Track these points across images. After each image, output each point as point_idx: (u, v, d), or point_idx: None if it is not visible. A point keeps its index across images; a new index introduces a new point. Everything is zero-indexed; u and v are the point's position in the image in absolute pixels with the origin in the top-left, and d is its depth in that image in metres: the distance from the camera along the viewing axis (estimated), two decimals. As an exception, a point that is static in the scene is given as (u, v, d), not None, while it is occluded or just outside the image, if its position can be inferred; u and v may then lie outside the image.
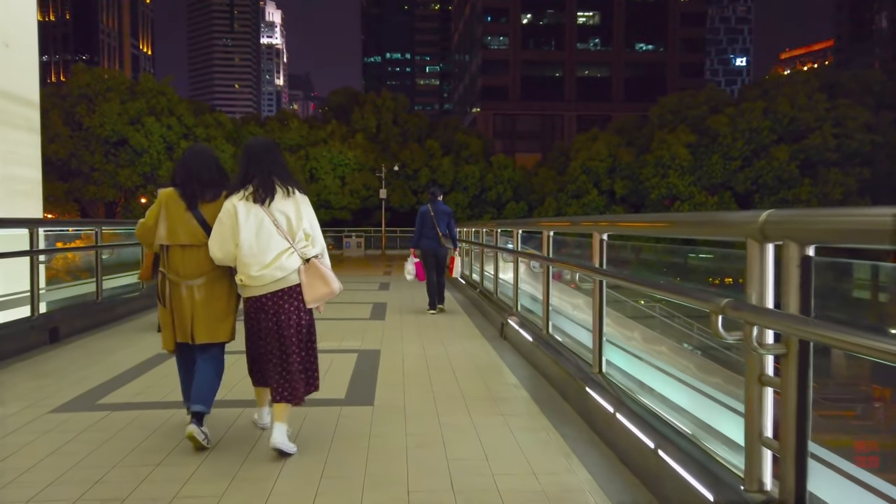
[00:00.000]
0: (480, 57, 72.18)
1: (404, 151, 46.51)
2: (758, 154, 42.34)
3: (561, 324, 5.73)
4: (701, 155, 42.75)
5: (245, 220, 3.36)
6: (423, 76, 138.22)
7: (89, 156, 38.37)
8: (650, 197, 43.02)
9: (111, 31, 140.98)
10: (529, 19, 72.65)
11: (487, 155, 49.28)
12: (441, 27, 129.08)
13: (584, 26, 73.49)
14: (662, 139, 43.07)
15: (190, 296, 3.52)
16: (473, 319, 8.53)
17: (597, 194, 44.44)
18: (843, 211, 1.99)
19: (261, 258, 3.35)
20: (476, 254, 11.73)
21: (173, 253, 3.55)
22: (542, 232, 5.61)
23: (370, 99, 50.98)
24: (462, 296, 11.27)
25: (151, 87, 40.91)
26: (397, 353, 6.09)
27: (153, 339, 6.35)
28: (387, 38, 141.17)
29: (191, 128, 41.31)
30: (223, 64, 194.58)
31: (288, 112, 50.06)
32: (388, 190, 44.44)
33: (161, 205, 3.59)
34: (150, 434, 3.75)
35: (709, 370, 3.22)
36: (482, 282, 10.30)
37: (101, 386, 4.85)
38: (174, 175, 3.67)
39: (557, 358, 4.81)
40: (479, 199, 46.91)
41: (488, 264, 9.85)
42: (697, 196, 42.20)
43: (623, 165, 44.32)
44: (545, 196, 46.00)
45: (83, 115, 38.07)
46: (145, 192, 39.70)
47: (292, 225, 3.42)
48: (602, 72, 72.66)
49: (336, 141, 45.56)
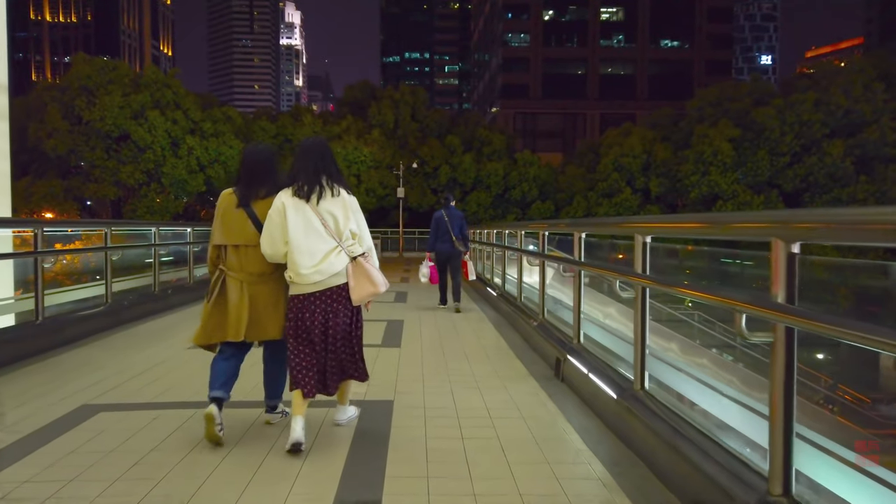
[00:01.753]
0: (501, 54, 70.55)
1: (423, 148, 43.14)
2: (808, 149, 38.32)
3: (668, 376, 4.07)
4: (745, 150, 38.84)
5: (294, 218, 3.37)
6: (441, 76, 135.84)
7: (89, 152, 35.47)
8: (689, 195, 39.21)
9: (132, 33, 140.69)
10: (551, 16, 71.27)
11: (511, 152, 45.77)
12: (460, 26, 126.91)
13: (607, 22, 71.84)
14: (703, 133, 39.21)
15: (251, 293, 3.55)
16: (515, 348, 6.51)
17: (630, 193, 40.73)
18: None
19: (309, 256, 3.37)
20: (507, 259, 10.00)
21: (231, 251, 3.60)
22: (636, 236, 3.62)
23: (388, 93, 47.73)
24: (495, 311, 9.25)
25: (156, 80, 37.94)
26: (416, 409, 4.26)
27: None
28: (405, 37, 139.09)
29: (198, 122, 38.31)
30: (243, 65, 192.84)
31: (301, 107, 46.99)
32: (407, 188, 41.15)
33: (219, 205, 3.67)
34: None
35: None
36: (520, 296, 8.16)
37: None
38: (237, 174, 3.74)
39: (677, 442, 2.89)
40: (502, 198, 43.43)
41: (530, 274, 8.08)
42: (741, 195, 38.28)
43: (659, 162, 40.55)
44: (573, 195, 42.40)
45: (83, 108, 35.18)
46: (148, 189, 36.79)
47: (339, 224, 3.43)
48: (626, 69, 70.73)
49: (351, 137, 42.35)
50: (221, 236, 3.57)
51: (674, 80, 67.36)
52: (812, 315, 1.93)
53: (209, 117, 39.06)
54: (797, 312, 2.04)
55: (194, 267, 10.73)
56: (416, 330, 7.56)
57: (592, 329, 5.01)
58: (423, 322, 8.17)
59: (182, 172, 36.67)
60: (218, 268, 3.63)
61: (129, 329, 7.33)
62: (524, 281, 8.16)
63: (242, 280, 3.54)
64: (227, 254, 3.59)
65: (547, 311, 6.42)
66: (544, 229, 6.62)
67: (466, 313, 9.03)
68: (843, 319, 1.80)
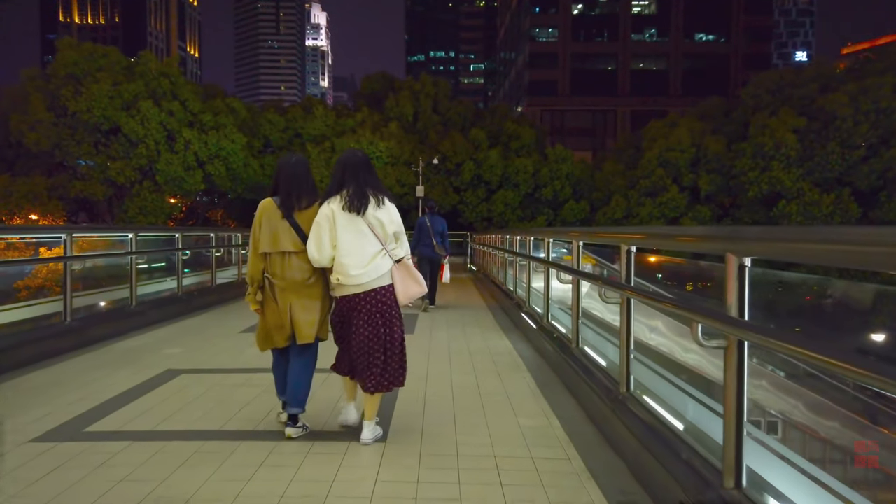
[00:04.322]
0: (528, 50, 67.91)
1: (445, 142, 38.24)
2: (886, 141, 32.43)
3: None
4: (811, 142, 33.19)
5: (343, 223, 3.51)
6: (466, 74, 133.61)
7: (75, 146, 31.28)
8: (746, 194, 33.68)
9: (159, 34, 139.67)
10: (580, 10, 68.68)
11: (542, 147, 40.62)
12: (486, 24, 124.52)
13: (639, 16, 68.79)
14: (763, 123, 33.59)
15: (292, 299, 3.65)
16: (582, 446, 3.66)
17: (677, 191, 35.31)
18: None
19: (358, 259, 3.49)
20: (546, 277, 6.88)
21: (274, 259, 3.67)
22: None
23: (407, 84, 42.94)
24: (536, 355, 6.26)
25: (153, 68, 33.68)
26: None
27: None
28: (431, 36, 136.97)
29: (197, 114, 33.94)
30: (269, 66, 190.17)
31: (313, 98, 42.47)
32: (427, 187, 36.39)
33: (261, 215, 3.70)
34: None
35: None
36: (577, 340, 5.00)
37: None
38: (274, 185, 3.76)
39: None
40: (531, 197, 38.37)
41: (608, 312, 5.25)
42: (808, 193, 32.65)
43: (710, 156, 35.07)
44: (611, 194, 37.14)
45: (68, 98, 31.03)
46: (141, 188, 32.52)
47: (386, 230, 3.56)
48: (658, 64, 67.48)
49: (367, 130, 37.64)
50: (269, 244, 3.64)
51: (709, 75, 63.86)
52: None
53: (210, 108, 34.69)
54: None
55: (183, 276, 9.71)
56: (435, 389, 5.01)
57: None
58: (441, 368, 5.76)
59: (178, 169, 32.37)
60: (265, 275, 3.71)
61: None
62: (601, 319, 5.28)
63: (286, 287, 3.64)
64: (272, 261, 3.67)
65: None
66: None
67: (496, 357, 6.26)
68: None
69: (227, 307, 10.08)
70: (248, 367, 5.52)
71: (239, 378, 5.11)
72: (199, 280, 11.26)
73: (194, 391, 4.70)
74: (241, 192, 35.42)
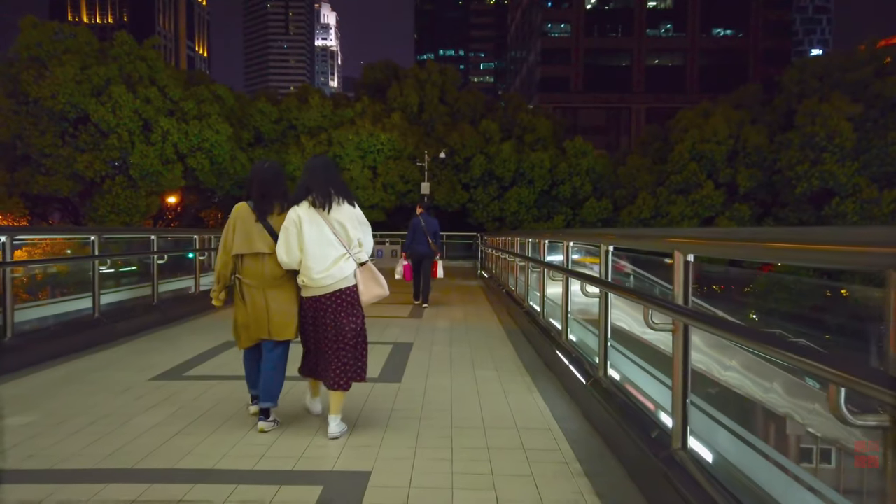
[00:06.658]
0: (540, 46, 65.39)
1: (453, 135, 33.98)
2: (957, 130, 28.04)
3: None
4: (868, 133, 28.68)
5: (308, 228, 3.60)
6: (476, 73, 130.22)
7: (38, 137, 27.31)
8: (794, 191, 29.17)
9: (167, 34, 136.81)
10: (594, 4, 66.35)
11: (559, 140, 36.26)
12: (496, 22, 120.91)
13: (654, 10, 66.39)
14: (812, 111, 29.07)
15: (264, 298, 3.72)
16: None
17: (712, 188, 30.87)
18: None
19: (322, 262, 3.58)
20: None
21: (247, 260, 3.75)
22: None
23: (412, 72, 38.71)
24: (586, 424, 3.99)
25: (128, 51, 29.69)
26: None
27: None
28: (440, 34, 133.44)
29: (177, 102, 29.87)
30: (278, 66, 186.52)
31: (309, 87, 38.36)
32: (433, 183, 32.20)
33: (234, 218, 3.80)
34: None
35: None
36: (684, 434, 3.14)
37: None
38: (248, 190, 3.87)
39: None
40: (548, 195, 34.02)
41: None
42: (865, 190, 28.14)
43: (750, 149, 30.59)
44: (637, 191, 32.76)
45: (30, 83, 27.09)
46: (113, 184, 28.48)
47: (348, 233, 3.64)
48: (675, 60, 64.81)
49: (367, 121, 33.44)
50: (242, 245, 3.73)
51: (727, 71, 60.06)
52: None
53: (193, 96, 30.62)
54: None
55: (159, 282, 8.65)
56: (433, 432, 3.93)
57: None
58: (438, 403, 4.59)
59: (155, 162, 28.33)
60: (234, 276, 3.81)
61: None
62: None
63: (260, 285, 3.72)
64: (244, 262, 3.76)
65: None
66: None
67: (526, 438, 3.79)
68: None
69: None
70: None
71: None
72: (178, 287, 10.53)
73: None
74: (229, 188, 31.36)
